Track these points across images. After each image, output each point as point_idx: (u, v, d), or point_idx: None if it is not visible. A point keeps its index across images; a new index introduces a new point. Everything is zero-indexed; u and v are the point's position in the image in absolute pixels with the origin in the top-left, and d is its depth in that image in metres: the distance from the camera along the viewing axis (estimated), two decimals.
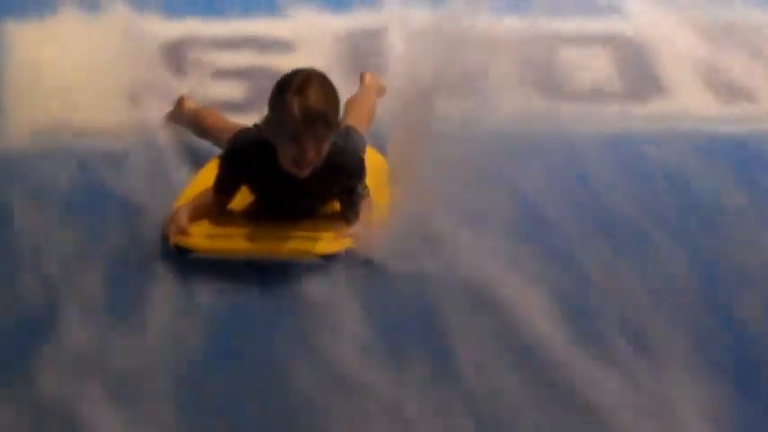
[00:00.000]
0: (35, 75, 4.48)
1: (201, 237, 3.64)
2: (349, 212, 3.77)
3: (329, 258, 3.63)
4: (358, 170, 3.74)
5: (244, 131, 3.84)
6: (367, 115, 4.25)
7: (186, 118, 4.28)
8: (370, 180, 3.87)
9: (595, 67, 4.83)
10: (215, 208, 3.77)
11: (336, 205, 3.84)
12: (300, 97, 3.49)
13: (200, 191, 3.78)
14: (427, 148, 3.98)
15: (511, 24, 4.80)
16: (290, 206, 3.78)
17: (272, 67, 4.52)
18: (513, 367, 3.27)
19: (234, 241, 3.64)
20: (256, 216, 3.79)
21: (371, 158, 4.04)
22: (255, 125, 3.83)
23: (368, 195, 3.79)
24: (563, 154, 4.20)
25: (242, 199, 3.82)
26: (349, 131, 4.01)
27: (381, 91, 4.51)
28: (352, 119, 4.20)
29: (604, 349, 3.31)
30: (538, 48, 4.83)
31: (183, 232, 3.62)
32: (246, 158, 3.69)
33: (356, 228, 3.72)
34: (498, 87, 4.45)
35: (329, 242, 3.66)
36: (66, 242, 3.72)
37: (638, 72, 4.84)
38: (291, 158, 3.59)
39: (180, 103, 4.34)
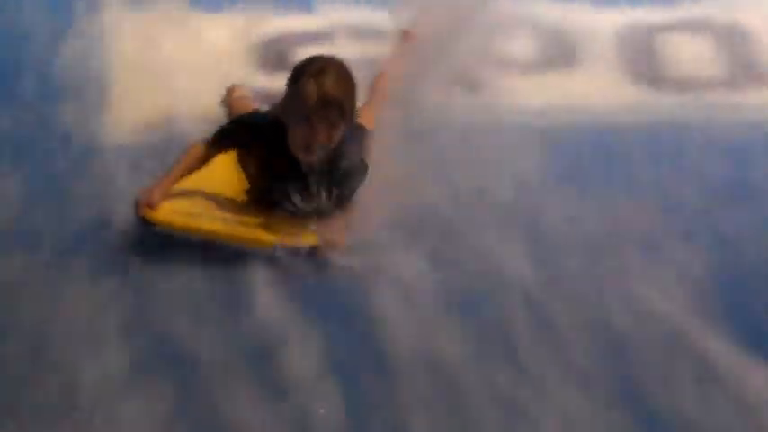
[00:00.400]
0: (142, 70, 4.46)
1: (167, 212, 3.55)
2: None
3: (285, 250, 3.49)
4: (359, 180, 3.67)
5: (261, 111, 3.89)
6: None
7: (226, 105, 4.26)
8: None
9: (695, 55, 4.65)
10: (197, 164, 3.69)
11: None
12: (317, 81, 3.48)
13: (175, 164, 3.69)
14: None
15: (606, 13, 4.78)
16: (305, 208, 3.65)
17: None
18: None
19: (196, 221, 3.54)
20: (238, 195, 3.71)
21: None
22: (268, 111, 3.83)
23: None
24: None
25: (226, 184, 3.75)
26: (355, 130, 3.86)
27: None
28: (372, 103, 4.12)
29: None
30: (634, 36, 4.73)
31: (150, 206, 3.58)
32: (254, 128, 3.68)
33: (325, 226, 3.57)
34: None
35: (291, 236, 3.52)
36: None
37: (740, 60, 4.63)
38: (302, 141, 3.53)
39: (228, 92, 4.31)
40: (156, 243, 3.59)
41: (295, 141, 3.56)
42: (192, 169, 3.69)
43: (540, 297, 3.50)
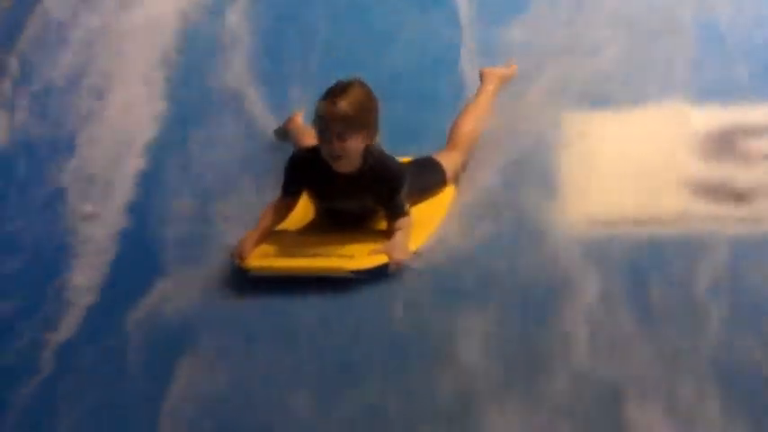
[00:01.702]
0: (592, 164, 4.56)
1: (255, 257, 4.04)
2: (390, 228, 4.09)
3: (359, 273, 3.95)
4: (396, 180, 4.12)
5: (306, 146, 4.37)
6: (467, 139, 4.56)
7: (291, 132, 4.73)
8: (430, 204, 4.27)
9: None
10: (281, 214, 4.20)
11: (383, 223, 4.16)
12: (327, 101, 4.06)
13: (259, 218, 4.19)
14: None
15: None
16: (342, 211, 4.18)
17: None
18: None
19: (280, 261, 4.03)
20: (314, 230, 4.23)
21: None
22: None
23: (408, 214, 4.10)
24: None
25: (299, 220, 4.25)
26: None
27: (505, 78, 4.85)
28: (451, 146, 4.53)
29: None
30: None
31: (241, 255, 4.06)
32: (301, 163, 4.20)
33: (388, 245, 4.01)
34: None
35: (361, 259, 3.98)
36: None
37: None
38: (325, 152, 4.09)
39: (290, 119, 4.78)
40: None
41: (324, 154, 4.10)
42: (278, 220, 4.21)
43: None
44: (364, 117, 4.05)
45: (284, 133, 4.80)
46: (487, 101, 4.75)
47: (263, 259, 4.09)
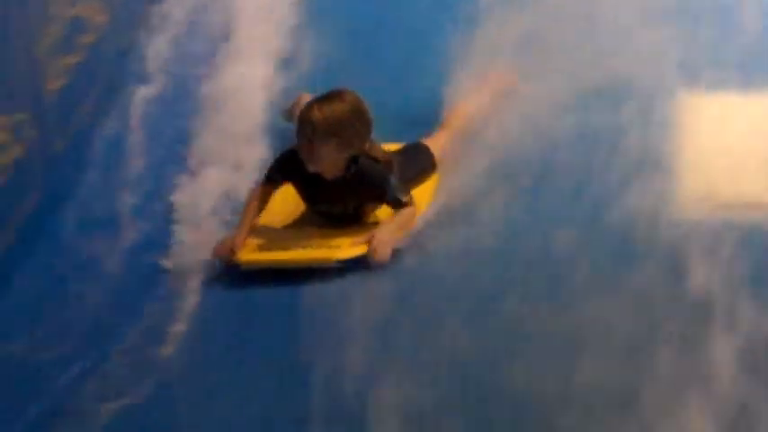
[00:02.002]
0: (709, 146, 4.55)
1: (247, 251, 4.15)
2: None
3: (345, 263, 4.09)
4: (378, 189, 4.22)
5: None
6: (460, 121, 4.64)
7: (295, 116, 4.62)
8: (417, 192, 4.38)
9: None
10: (263, 200, 4.29)
11: (373, 216, 4.31)
12: (306, 107, 4.17)
13: (243, 211, 4.32)
14: None
15: None
16: (331, 210, 4.30)
17: None
18: None
19: (270, 254, 4.17)
20: (303, 223, 4.35)
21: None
22: None
23: (411, 204, 4.20)
24: None
25: (290, 213, 4.40)
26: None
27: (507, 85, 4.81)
28: (442, 127, 4.68)
29: None
30: None
31: (233, 251, 4.14)
32: (290, 163, 4.27)
33: (371, 235, 4.11)
34: None
35: (345, 249, 4.13)
36: None
37: None
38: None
39: (297, 101, 4.78)
40: None
41: None
42: (259, 209, 4.29)
43: None
44: (337, 128, 4.13)
45: (291, 115, 4.83)
46: (490, 93, 4.78)
47: (253, 253, 4.25)
